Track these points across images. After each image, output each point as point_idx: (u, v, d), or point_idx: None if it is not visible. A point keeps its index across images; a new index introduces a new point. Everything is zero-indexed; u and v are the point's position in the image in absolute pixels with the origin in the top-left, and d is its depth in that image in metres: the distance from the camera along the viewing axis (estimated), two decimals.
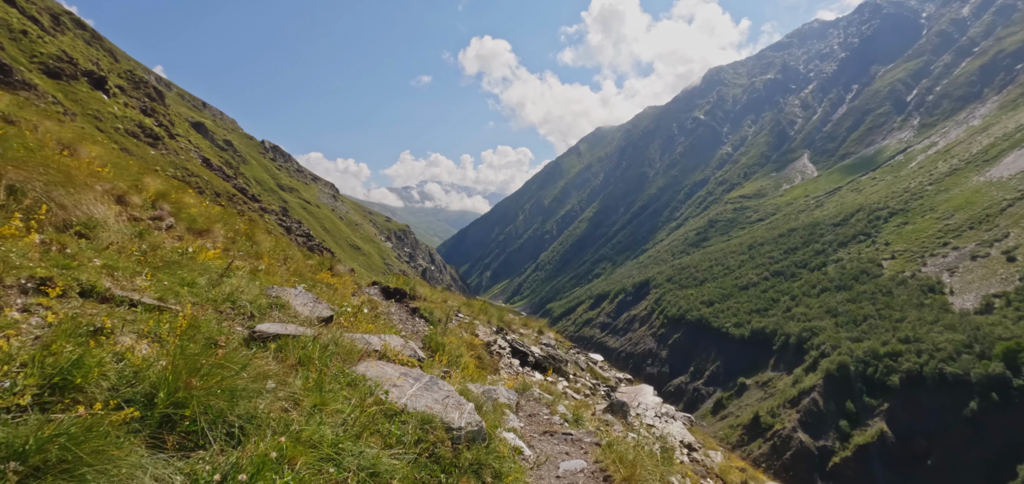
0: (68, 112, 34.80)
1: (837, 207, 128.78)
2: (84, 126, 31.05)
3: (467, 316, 13.70)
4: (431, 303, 11.80)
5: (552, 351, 13.31)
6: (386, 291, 11.82)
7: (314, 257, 11.80)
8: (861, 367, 61.55)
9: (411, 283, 12.22)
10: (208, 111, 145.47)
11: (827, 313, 78.55)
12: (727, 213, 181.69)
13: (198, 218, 7.99)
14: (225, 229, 8.58)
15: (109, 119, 39.27)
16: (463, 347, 8.96)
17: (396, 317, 10.26)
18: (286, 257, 9.81)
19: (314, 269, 10.30)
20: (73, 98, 36.68)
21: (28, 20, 40.24)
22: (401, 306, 11.20)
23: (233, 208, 51.62)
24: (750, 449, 62.06)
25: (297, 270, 8.93)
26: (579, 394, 11.70)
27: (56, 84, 35.91)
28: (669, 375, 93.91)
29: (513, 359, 11.55)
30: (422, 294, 12.28)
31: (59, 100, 33.81)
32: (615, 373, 16.22)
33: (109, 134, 38.36)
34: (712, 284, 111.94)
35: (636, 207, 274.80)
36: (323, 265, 11.36)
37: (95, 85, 41.62)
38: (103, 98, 41.30)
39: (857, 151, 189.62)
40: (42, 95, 32.37)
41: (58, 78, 36.89)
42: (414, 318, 10.83)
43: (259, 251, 8.58)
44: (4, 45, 33.37)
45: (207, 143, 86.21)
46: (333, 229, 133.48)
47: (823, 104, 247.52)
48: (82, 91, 38.72)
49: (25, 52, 35.48)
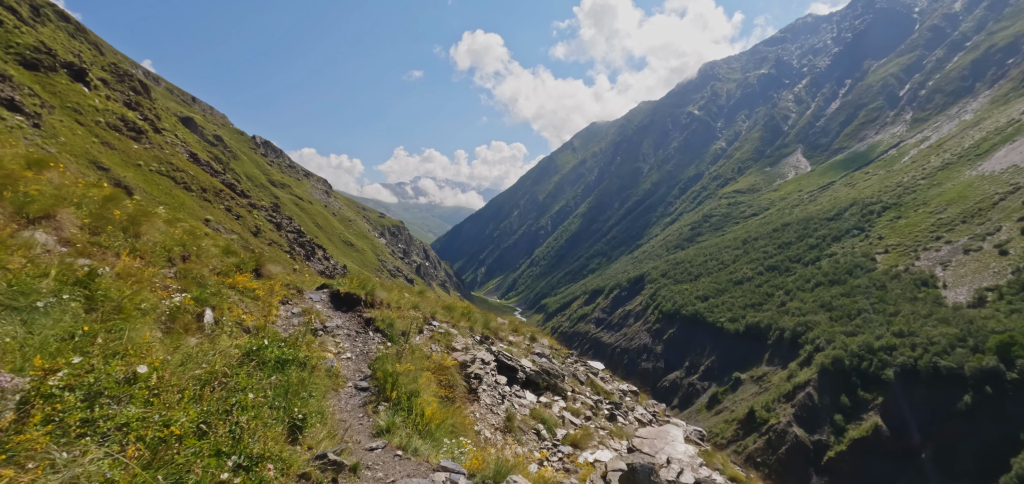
0: (45, 104, 33.68)
1: (830, 202, 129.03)
2: None
3: (445, 323, 11.68)
4: (394, 312, 9.78)
5: (546, 363, 11.75)
6: (336, 297, 9.70)
7: (240, 255, 9.12)
8: (855, 361, 61.46)
9: (369, 285, 10.08)
10: (198, 106, 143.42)
11: (821, 307, 78.50)
12: (721, 208, 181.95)
13: (38, 196, 5.75)
14: (84, 214, 6.38)
15: (90, 112, 38.12)
16: (426, 374, 7.18)
17: (343, 333, 8.45)
18: (188, 254, 7.49)
19: (230, 269, 7.96)
20: (51, 90, 35.51)
21: (5, 10, 38.94)
22: (353, 316, 9.22)
23: (220, 204, 50.59)
24: (745, 444, 61.95)
25: (195, 275, 6.73)
26: (578, 416, 10.20)
27: (33, 75, 34.73)
28: (664, 370, 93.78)
29: (499, 376, 9.93)
30: (383, 299, 10.16)
31: (36, 91, 32.68)
32: (618, 385, 14.49)
33: (89, 127, 37.24)
34: (707, 279, 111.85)
35: (630, 202, 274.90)
36: (246, 265, 8.70)
37: (75, 77, 40.41)
38: (84, 91, 40.11)
39: (850, 146, 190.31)
40: (17, 87, 31.26)
41: (36, 69, 35.70)
42: (367, 332, 8.79)
43: (139, 246, 6.49)
44: None
45: (195, 138, 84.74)
46: (326, 226, 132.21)
47: (816, 99, 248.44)
48: (61, 83, 37.54)
49: (0, 42, 34.27)
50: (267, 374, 5.00)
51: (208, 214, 44.43)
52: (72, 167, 27.62)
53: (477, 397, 8.42)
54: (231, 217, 50.41)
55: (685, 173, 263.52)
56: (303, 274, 14.99)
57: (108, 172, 33.06)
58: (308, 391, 5.18)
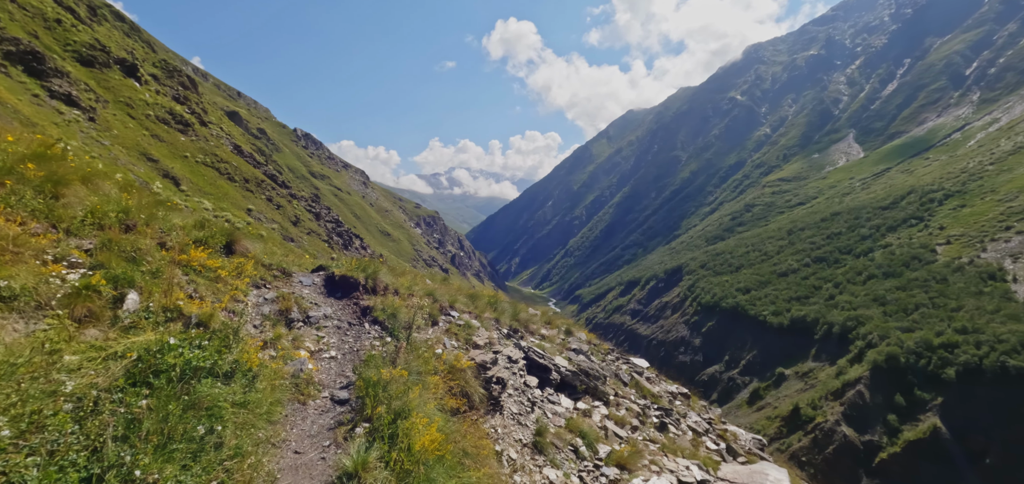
0: (100, 99, 35.45)
1: (885, 189, 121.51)
2: None
3: (466, 314, 10.13)
4: (399, 300, 8.23)
5: (585, 362, 10.22)
6: (330, 281, 8.19)
7: (215, 227, 7.51)
8: (912, 359, 57.77)
9: (371, 268, 8.52)
10: (243, 100, 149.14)
11: (874, 301, 74.19)
12: (764, 197, 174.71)
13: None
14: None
15: (140, 106, 39.92)
16: (432, 379, 5.70)
17: (331, 324, 6.96)
18: (132, 224, 5.71)
19: (185, 245, 6.22)
20: (105, 85, 37.36)
21: (63, 10, 41.21)
22: (347, 304, 7.72)
23: (261, 194, 52.28)
24: (789, 442, 59.48)
25: (128, 249, 5.08)
26: (623, 427, 8.73)
27: (88, 71, 36.61)
28: (702, 363, 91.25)
29: (529, 378, 8.58)
30: (387, 284, 8.63)
31: (91, 86, 34.41)
32: (666, 386, 12.95)
33: (140, 121, 39.02)
34: (748, 270, 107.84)
35: (668, 192, 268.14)
36: (213, 239, 7.11)
37: (127, 73, 42.39)
38: (135, 85, 42.04)
39: (908, 130, 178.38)
40: (74, 82, 32.99)
41: (91, 66, 37.62)
42: (363, 324, 7.24)
43: (56, 211, 5.14)
44: (39, 33, 34.13)
45: (240, 131, 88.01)
46: (363, 216, 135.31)
47: (871, 80, 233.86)
48: (114, 79, 39.45)
49: (59, 41, 36.28)
50: (157, 394, 3.41)
51: (250, 204, 45.97)
52: (123, 159, 28.93)
53: (500, 406, 6.98)
54: (272, 207, 52.03)
55: (726, 161, 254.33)
56: (303, 256, 13.21)
57: (157, 163, 34.54)
58: (218, 418, 3.63)
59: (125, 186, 7.57)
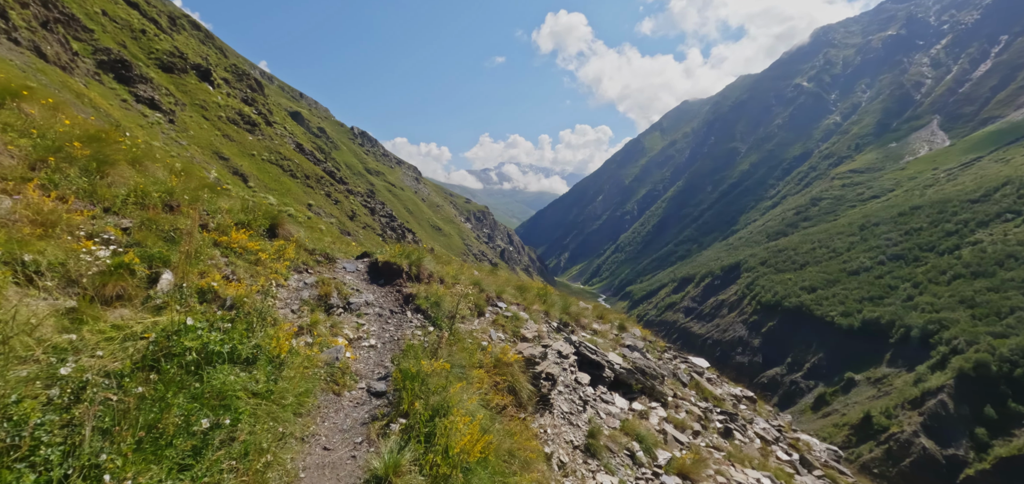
0: (178, 102, 38.37)
1: (976, 181, 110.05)
2: None
3: (514, 305, 9.75)
4: (444, 289, 8.00)
5: (640, 359, 9.61)
6: (374, 268, 8.02)
7: (258, 210, 7.46)
8: (1006, 367, 52.13)
9: (415, 255, 8.28)
10: (304, 101, 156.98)
11: (961, 303, 67.52)
12: (834, 190, 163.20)
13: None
14: (29, 146, 5.13)
15: (213, 108, 42.87)
16: (477, 373, 5.40)
17: (373, 312, 6.76)
18: (175, 204, 5.70)
19: (226, 227, 6.19)
20: (182, 89, 40.43)
21: (147, 21, 44.99)
22: (390, 291, 7.52)
23: (321, 190, 54.75)
24: (859, 452, 55.44)
25: (166, 229, 5.04)
26: (684, 431, 8.15)
27: (169, 77, 39.75)
28: (762, 365, 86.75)
29: (581, 375, 8.14)
30: (432, 272, 8.35)
31: (171, 91, 37.31)
32: (729, 389, 12.08)
33: (213, 122, 41.93)
34: (814, 268, 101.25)
35: (725, 186, 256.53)
36: (256, 222, 6.98)
37: (202, 77, 45.63)
38: (208, 89, 45.19)
39: (1004, 114, 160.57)
40: (156, 87, 35.90)
41: (170, 72, 40.82)
42: (405, 312, 7.03)
43: (100, 190, 5.05)
44: (127, 43, 37.41)
45: (302, 130, 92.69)
46: (416, 211, 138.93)
47: (960, 61, 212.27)
48: (191, 83, 42.60)
49: (144, 49, 39.65)
50: (162, 380, 3.11)
51: (310, 199, 48.30)
52: (198, 158, 31.15)
53: (549, 404, 6.55)
54: (330, 202, 54.44)
55: (789, 153, 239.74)
56: (350, 244, 12.92)
57: (228, 161, 37.00)
58: (229, 409, 3.23)
59: (180, 171, 7.59)
